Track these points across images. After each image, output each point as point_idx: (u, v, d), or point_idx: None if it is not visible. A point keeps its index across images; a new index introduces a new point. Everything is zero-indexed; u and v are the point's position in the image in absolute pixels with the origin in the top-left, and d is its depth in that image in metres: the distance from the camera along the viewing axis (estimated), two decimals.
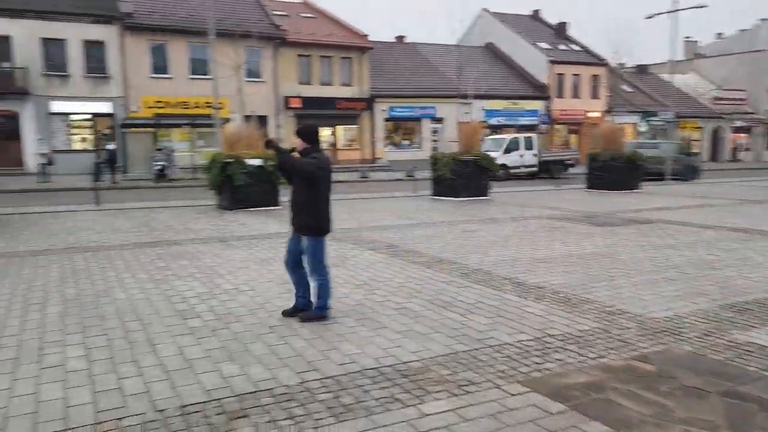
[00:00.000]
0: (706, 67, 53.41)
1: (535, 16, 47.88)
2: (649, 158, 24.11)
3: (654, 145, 26.18)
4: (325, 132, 35.27)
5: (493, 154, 18.87)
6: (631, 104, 43.02)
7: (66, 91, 27.95)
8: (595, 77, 42.87)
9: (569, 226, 10.69)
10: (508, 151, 26.15)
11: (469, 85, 31.42)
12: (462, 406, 3.34)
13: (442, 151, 19.89)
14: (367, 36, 35.59)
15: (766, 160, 49.61)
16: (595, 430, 3.09)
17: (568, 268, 7.02)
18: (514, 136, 27.77)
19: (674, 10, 25.07)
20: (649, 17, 26.65)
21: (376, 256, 7.76)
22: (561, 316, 5.04)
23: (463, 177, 15.72)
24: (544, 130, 40.63)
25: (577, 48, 44.47)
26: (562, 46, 43.77)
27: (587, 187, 19.25)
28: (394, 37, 42.86)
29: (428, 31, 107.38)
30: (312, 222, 4.84)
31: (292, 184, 4.93)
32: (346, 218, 11.78)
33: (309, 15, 36.76)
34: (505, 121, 39.12)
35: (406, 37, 43.14)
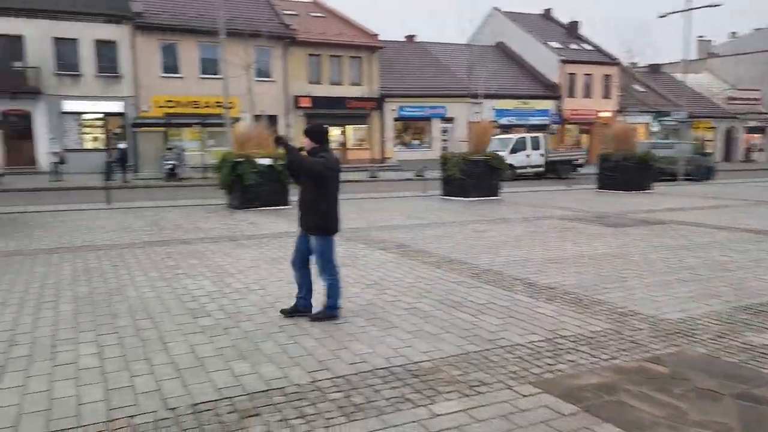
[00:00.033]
0: (720, 67, 52.92)
1: (547, 15, 47.65)
2: (663, 158, 23.98)
3: (669, 145, 25.98)
4: (335, 132, 35.32)
5: (499, 154, 18.77)
6: (644, 104, 42.68)
7: (78, 91, 28.19)
8: (607, 77, 42.61)
9: (581, 226, 10.63)
10: (514, 151, 26.01)
11: (479, 85, 31.32)
12: (473, 407, 3.32)
13: (452, 151, 19.82)
14: (377, 35, 35.59)
15: None
16: None
17: (580, 268, 6.98)
18: (521, 136, 27.59)
19: (688, 9, 24.86)
20: (663, 16, 26.44)
21: (386, 256, 7.75)
22: (573, 317, 5.01)
23: (473, 177, 15.68)
24: (555, 130, 40.45)
25: (589, 47, 44.22)
26: (573, 46, 43.55)
27: (598, 188, 19.13)
28: (404, 37, 42.80)
29: (438, 31, 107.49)
30: (320, 221, 4.84)
31: (300, 183, 4.93)
32: (356, 218, 11.78)
33: (319, 14, 36.82)
34: (516, 120, 38.96)
35: (416, 37, 43.06)
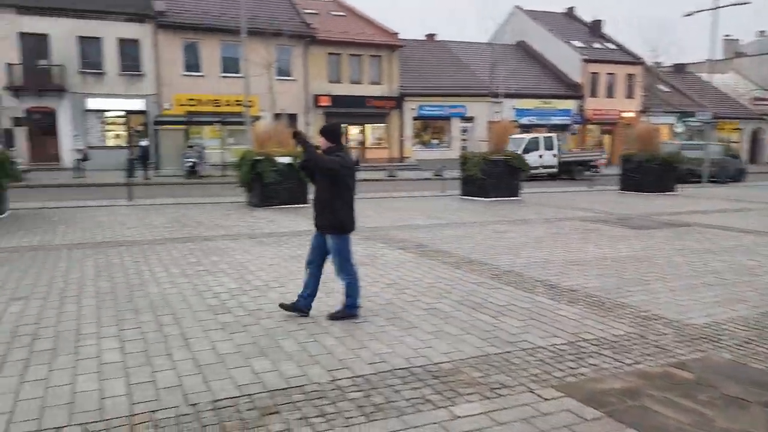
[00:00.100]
0: (747, 67, 51.87)
1: (570, 14, 47.17)
2: (693, 160, 23.69)
3: (699, 147, 25.59)
4: (354, 131, 35.38)
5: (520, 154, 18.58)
6: (668, 104, 42.06)
7: (101, 89, 28.59)
8: (631, 76, 42.03)
9: (603, 228, 10.50)
10: (526, 151, 25.56)
11: (500, 84, 31.08)
12: (494, 410, 3.29)
13: (472, 151, 19.68)
14: (398, 34, 35.54)
15: None
16: None
17: (603, 271, 6.89)
18: (534, 136, 27.24)
19: (714, 8, 24.41)
20: (688, 15, 25.99)
21: (405, 256, 7.72)
22: (595, 321, 4.94)
23: (493, 177, 15.57)
24: (576, 130, 40.02)
25: (612, 46, 43.67)
26: (596, 45, 43.05)
27: (620, 189, 18.90)
28: (425, 35, 42.70)
29: (459, 30, 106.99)
30: (336, 220, 4.82)
31: (316, 182, 4.92)
32: (375, 217, 11.77)
33: (339, 13, 36.88)
34: (537, 120, 38.63)
35: (436, 35, 42.93)
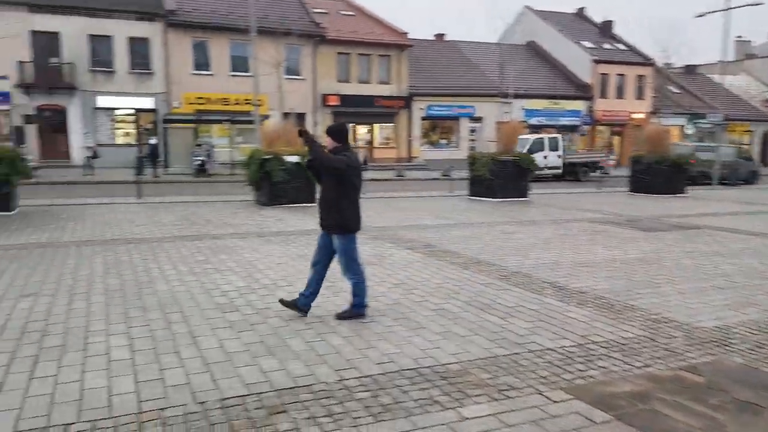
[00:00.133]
0: (759, 68, 51.42)
1: (580, 14, 46.96)
2: (706, 162, 23.62)
3: (712, 149, 25.49)
4: (362, 130, 35.39)
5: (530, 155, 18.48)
6: (678, 105, 41.79)
7: (111, 87, 28.75)
8: (641, 77, 41.80)
9: (612, 230, 10.44)
10: (531, 152, 25.27)
11: (509, 84, 30.95)
12: (503, 411, 3.27)
13: (481, 151, 19.62)
14: (407, 34, 35.50)
15: None
16: None
17: (612, 273, 6.85)
18: (539, 137, 27.07)
19: (727, 9, 24.22)
20: (700, 16, 25.79)
21: (413, 256, 7.71)
22: (605, 323, 4.91)
23: (502, 177, 15.53)
24: (585, 131, 39.84)
25: (623, 47, 43.44)
26: (606, 45, 42.84)
27: (630, 190, 18.80)
28: (434, 35, 42.65)
29: (468, 30, 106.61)
30: (342, 220, 4.80)
31: (322, 182, 4.90)
32: (383, 217, 11.76)
33: (349, 13, 36.89)
34: (546, 121, 38.50)
35: (446, 35, 42.86)
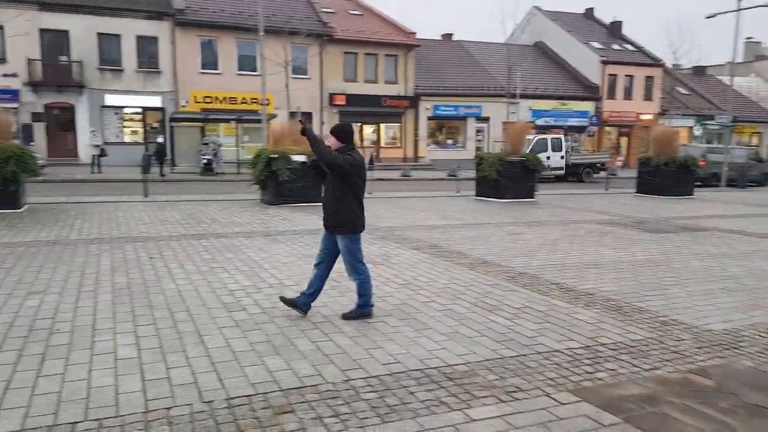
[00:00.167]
0: None
1: (589, 15, 46.79)
2: (718, 164, 23.54)
3: (724, 150, 25.38)
4: (368, 130, 35.39)
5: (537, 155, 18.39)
6: (687, 107, 41.54)
7: (119, 85, 28.87)
8: (650, 78, 41.60)
9: (619, 231, 10.38)
10: (533, 152, 25.30)
11: (516, 85, 30.82)
12: (510, 413, 3.25)
13: (488, 151, 19.55)
14: (414, 34, 35.46)
15: None
16: None
17: (619, 274, 6.81)
18: (542, 137, 26.94)
19: (737, 10, 24.05)
20: (710, 17, 25.58)
21: (419, 256, 7.69)
22: (612, 325, 4.88)
23: (508, 178, 15.48)
24: (593, 132, 39.70)
25: (632, 48, 43.26)
26: (615, 46, 42.68)
27: (637, 192, 18.72)
28: (441, 35, 42.60)
29: (478, 31, 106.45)
30: (346, 220, 4.78)
31: (326, 182, 4.88)
32: (389, 217, 11.74)
33: (356, 12, 36.89)
34: (553, 121, 38.40)
35: (453, 35, 42.81)
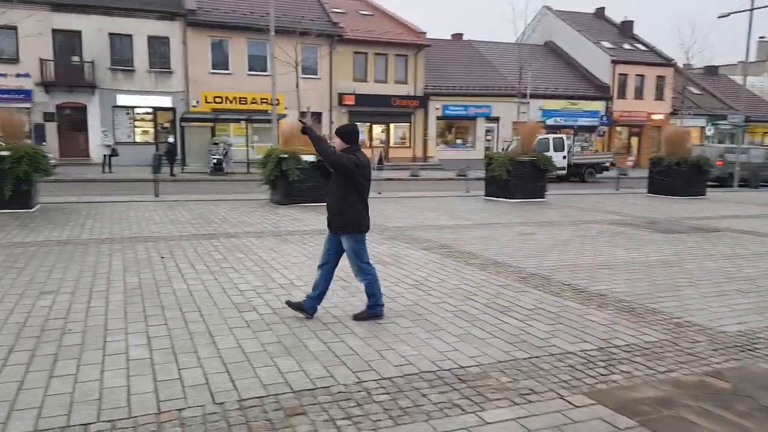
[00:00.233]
0: None
1: (599, 14, 46.52)
2: (734, 164, 23.36)
3: (743, 150, 25.19)
4: (378, 129, 35.39)
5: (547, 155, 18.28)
6: (698, 107, 41.21)
7: (130, 85, 29.03)
8: (661, 78, 41.30)
9: (631, 231, 10.30)
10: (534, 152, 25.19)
11: (526, 84, 30.65)
12: (524, 416, 3.22)
13: (499, 150, 19.47)
14: (425, 33, 35.39)
15: None
16: None
17: (632, 275, 6.75)
18: (543, 137, 26.69)
19: (750, 9, 23.81)
20: (723, 16, 25.35)
21: (429, 256, 7.66)
22: (626, 326, 4.83)
23: (518, 178, 15.41)
24: (603, 132, 39.48)
25: (643, 47, 42.96)
26: (626, 46, 42.40)
27: (648, 192, 18.58)
28: (451, 35, 42.51)
29: (488, 30, 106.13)
30: (350, 220, 4.75)
31: (330, 182, 4.85)
32: (398, 216, 11.72)
33: (366, 12, 36.88)
34: (564, 121, 38.21)
35: (463, 35, 42.70)
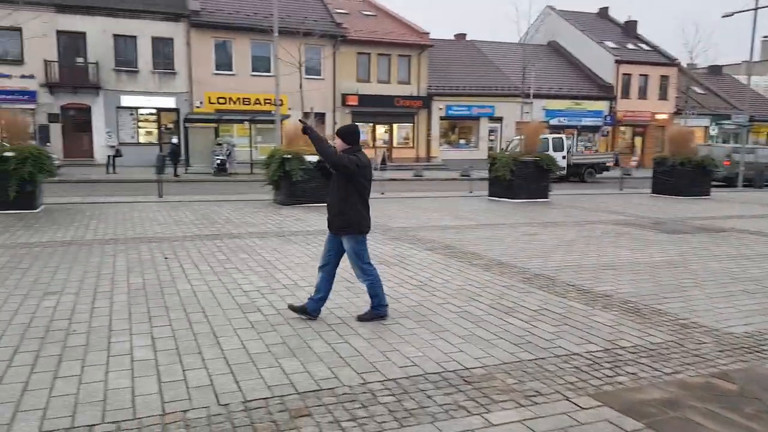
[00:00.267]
0: None
1: (603, 14, 46.44)
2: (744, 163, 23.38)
3: (750, 150, 25.11)
4: (381, 130, 35.38)
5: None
6: (702, 106, 41.09)
7: (134, 86, 29.10)
8: (665, 78, 41.20)
9: (635, 232, 10.26)
10: None
11: (530, 84, 30.60)
12: (530, 418, 3.20)
13: (501, 151, 19.44)
14: (428, 34, 35.38)
15: None
16: None
17: (637, 276, 6.72)
18: (543, 137, 26.75)
19: (755, 8, 23.71)
20: (727, 16, 25.25)
21: (433, 257, 7.64)
22: (631, 327, 4.80)
23: (522, 178, 15.38)
24: (606, 132, 39.39)
25: (646, 47, 42.87)
26: (630, 45, 42.32)
27: (652, 192, 18.52)
28: (454, 35, 42.48)
29: (490, 31, 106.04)
30: (351, 221, 4.74)
31: (330, 183, 4.84)
32: (402, 217, 11.70)
33: (370, 13, 36.88)
34: (567, 121, 38.16)
35: (466, 35, 42.67)
